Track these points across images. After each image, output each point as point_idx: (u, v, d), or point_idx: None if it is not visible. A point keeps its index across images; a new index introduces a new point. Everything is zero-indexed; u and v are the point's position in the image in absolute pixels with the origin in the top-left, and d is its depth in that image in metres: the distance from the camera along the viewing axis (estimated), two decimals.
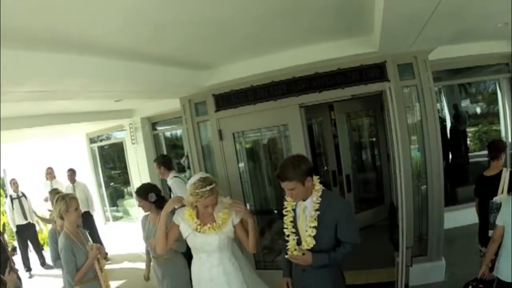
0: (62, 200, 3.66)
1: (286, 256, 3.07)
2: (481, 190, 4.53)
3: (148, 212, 4.52)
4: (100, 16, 2.83)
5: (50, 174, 9.07)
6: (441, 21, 3.47)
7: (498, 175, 4.35)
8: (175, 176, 5.75)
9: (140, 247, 8.19)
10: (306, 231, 2.94)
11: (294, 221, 3.07)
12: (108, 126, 9.66)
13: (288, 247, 3.06)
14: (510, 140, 7.14)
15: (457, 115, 7.84)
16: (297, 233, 3.04)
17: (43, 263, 8.69)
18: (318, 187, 2.99)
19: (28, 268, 8.36)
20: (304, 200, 3.00)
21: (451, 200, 6.99)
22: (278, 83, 5.28)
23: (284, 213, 3.14)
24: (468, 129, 7.96)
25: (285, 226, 3.12)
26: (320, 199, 2.93)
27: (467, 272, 5.08)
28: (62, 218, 3.69)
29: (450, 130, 7.87)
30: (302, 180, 2.84)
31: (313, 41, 4.62)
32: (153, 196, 4.40)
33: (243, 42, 4.30)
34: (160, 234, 3.29)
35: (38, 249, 8.77)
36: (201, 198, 3.12)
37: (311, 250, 2.92)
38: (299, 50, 4.78)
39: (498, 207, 4.10)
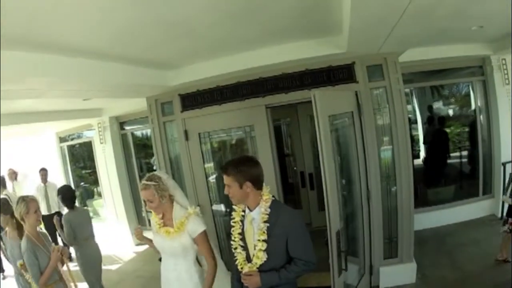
0: (22, 202, 3.60)
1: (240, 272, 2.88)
2: None
3: None
4: (66, 16, 2.76)
5: (11, 174, 8.83)
6: (411, 22, 3.46)
7: None
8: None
9: (108, 247, 8.07)
10: (256, 245, 2.73)
11: (242, 234, 2.87)
12: (78, 125, 9.57)
13: (237, 262, 2.87)
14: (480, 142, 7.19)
15: (431, 117, 7.84)
16: (245, 247, 2.84)
17: None
18: (267, 197, 2.79)
19: (0, 269, 8.01)
20: (251, 211, 2.82)
21: (423, 201, 7.05)
22: (244, 83, 5.22)
23: (232, 224, 2.95)
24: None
25: (233, 239, 2.92)
26: (269, 209, 2.73)
27: (438, 274, 5.18)
28: (23, 220, 3.61)
29: (429, 131, 7.90)
30: (239, 181, 2.70)
31: (280, 41, 4.56)
32: (59, 200, 5.29)
33: (209, 42, 4.22)
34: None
35: None
36: (141, 190, 3.17)
37: (262, 265, 2.73)
38: (266, 50, 4.72)
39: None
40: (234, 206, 2.95)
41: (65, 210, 5.42)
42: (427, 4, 3.05)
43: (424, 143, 7.84)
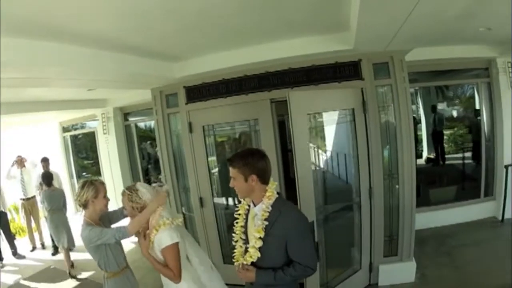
0: (91, 186, 3.33)
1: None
2: None
3: None
4: (73, 4, 2.76)
5: (20, 162, 8.86)
6: (419, 21, 3.44)
7: None
8: None
9: None
10: (251, 241, 2.67)
11: (245, 227, 2.83)
12: (81, 115, 9.57)
13: (235, 254, 2.85)
14: (485, 143, 7.18)
15: (434, 117, 7.84)
16: (246, 240, 2.80)
17: (14, 253, 8.49)
18: (271, 193, 2.67)
19: None
20: (255, 206, 2.73)
21: (425, 201, 7.03)
22: (250, 77, 5.20)
23: (235, 216, 2.92)
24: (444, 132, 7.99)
25: (235, 231, 2.89)
26: (270, 208, 2.63)
27: (437, 274, 5.18)
28: (86, 206, 3.32)
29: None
30: (244, 173, 2.62)
31: (287, 36, 4.53)
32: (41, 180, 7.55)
33: (215, 35, 4.21)
34: None
35: (10, 238, 8.55)
36: None
37: (257, 263, 2.66)
38: (273, 44, 4.69)
39: None
40: (241, 199, 2.88)
41: None
42: (436, 3, 3.04)
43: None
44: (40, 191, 8.13)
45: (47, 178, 7.55)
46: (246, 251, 2.75)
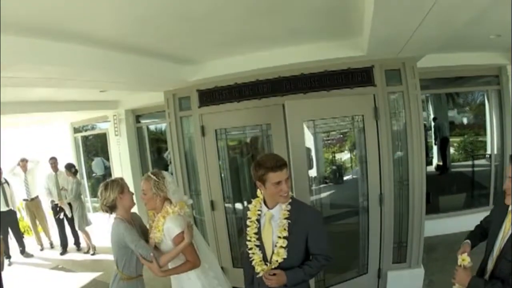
0: (114, 183, 3.25)
1: (258, 276, 2.79)
2: None
3: None
4: (86, 5, 2.77)
5: (23, 166, 8.90)
6: (431, 28, 3.42)
7: None
8: None
9: None
10: (277, 242, 2.68)
11: (259, 233, 2.82)
12: (92, 116, 9.62)
13: (254, 262, 2.80)
14: (495, 152, 7.14)
15: (436, 126, 7.87)
16: (261, 246, 2.80)
17: (22, 251, 8.56)
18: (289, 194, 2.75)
19: (7, 255, 8.17)
20: (269, 208, 2.78)
21: (434, 208, 6.99)
22: (263, 82, 5.20)
23: (248, 223, 2.88)
24: (453, 139, 7.95)
25: (248, 239, 2.85)
26: (289, 206, 2.71)
27: (446, 281, 5.09)
28: (114, 207, 3.23)
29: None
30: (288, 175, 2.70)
31: (300, 41, 4.56)
32: (67, 170, 8.47)
33: (229, 38, 4.23)
34: None
35: (18, 236, 8.61)
36: (142, 180, 3.29)
37: (281, 263, 2.68)
38: (286, 49, 4.72)
39: None
40: (249, 205, 2.92)
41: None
42: (448, 7, 3.06)
43: None
44: (64, 188, 8.58)
45: (71, 168, 8.39)
46: (264, 257, 2.78)
